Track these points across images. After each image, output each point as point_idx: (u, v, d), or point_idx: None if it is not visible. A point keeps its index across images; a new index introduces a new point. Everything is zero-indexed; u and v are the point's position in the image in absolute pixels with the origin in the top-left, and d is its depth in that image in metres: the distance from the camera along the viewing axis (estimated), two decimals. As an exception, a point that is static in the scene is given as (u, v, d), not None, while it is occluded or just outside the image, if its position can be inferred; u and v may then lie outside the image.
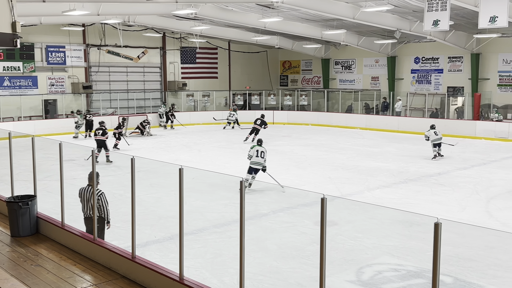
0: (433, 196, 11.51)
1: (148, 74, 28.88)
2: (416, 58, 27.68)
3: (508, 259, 7.55)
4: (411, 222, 8.81)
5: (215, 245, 8.14)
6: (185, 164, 14.47)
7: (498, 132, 20.79)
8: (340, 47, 30.04)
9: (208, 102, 29.61)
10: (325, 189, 11.95)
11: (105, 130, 15.73)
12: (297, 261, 7.50)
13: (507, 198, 11.21)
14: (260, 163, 12.08)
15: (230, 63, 32.40)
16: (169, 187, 11.19)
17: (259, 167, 12.09)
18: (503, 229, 8.89)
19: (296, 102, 29.77)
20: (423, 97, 26.93)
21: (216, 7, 20.72)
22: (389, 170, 14.44)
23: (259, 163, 12.06)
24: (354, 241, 8.48)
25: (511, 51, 23.76)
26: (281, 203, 11.03)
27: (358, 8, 19.23)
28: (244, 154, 17.59)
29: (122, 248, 6.21)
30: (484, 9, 14.04)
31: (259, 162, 12.06)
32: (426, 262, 3.67)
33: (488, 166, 15.19)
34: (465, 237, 8.11)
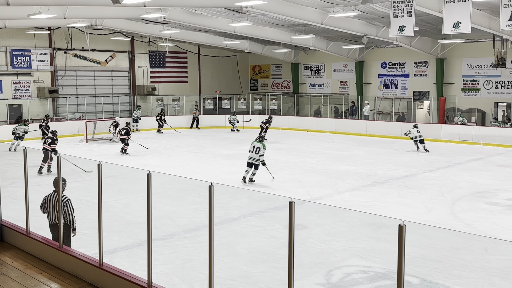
0: (400, 198, 11.72)
1: (116, 78, 28.52)
2: (383, 63, 28.20)
3: (473, 260, 7.74)
4: (379, 224, 8.93)
5: (185, 250, 8.08)
6: (154, 169, 14.32)
7: (462, 135, 21.35)
8: (309, 52, 30.34)
9: (178, 106, 29.42)
10: (295, 192, 12.03)
11: (54, 140, 15.02)
12: (267, 265, 7.52)
13: (472, 200, 11.50)
14: (253, 158, 12.91)
15: (200, 67, 32.32)
16: (138, 192, 11.05)
17: (252, 161, 12.91)
18: (468, 230, 9.11)
19: (266, 106, 29.89)
20: (390, 101, 27.44)
21: (185, 11, 20.64)
22: (358, 173, 14.64)
23: (252, 158, 12.92)
24: (324, 244, 8.55)
25: (474, 56, 24.46)
26: (251, 207, 11.03)
27: (326, 14, 19.48)
28: (214, 158, 17.60)
29: (89, 256, 6.10)
30: (448, 15, 14.42)
31: (252, 157, 12.91)
32: (393, 264, 3.74)
33: (453, 168, 15.56)
34: (431, 238, 8.28)
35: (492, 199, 11.57)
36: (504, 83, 23.77)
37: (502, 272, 7.31)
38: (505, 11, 13.54)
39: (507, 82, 23.65)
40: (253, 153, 12.97)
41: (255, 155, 12.91)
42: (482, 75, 24.44)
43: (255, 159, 12.92)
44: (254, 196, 11.66)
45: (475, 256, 7.79)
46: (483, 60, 24.01)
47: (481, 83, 24.49)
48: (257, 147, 12.92)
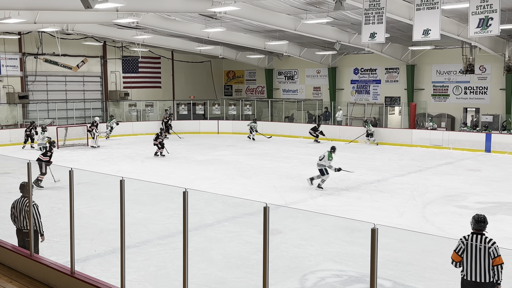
0: (373, 202, 11.87)
1: (88, 83, 28.13)
2: (355, 69, 28.59)
3: (444, 262, 7.86)
4: (352, 228, 9.04)
5: (159, 257, 8.01)
6: (127, 175, 14.16)
7: (433, 140, 21.77)
8: (283, 57, 30.54)
9: (151, 112, 29.18)
10: (269, 198, 12.06)
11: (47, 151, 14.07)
12: (242, 270, 7.52)
13: (442, 203, 11.73)
14: (317, 163, 13.39)
15: (174, 73, 32.16)
16: (110, 199, 10.91)
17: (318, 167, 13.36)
18: (438, 234, 9.28)
19: (241, 112, 29.93)
20: (363, 107, 27.81)
21: (158, 16, 20.54)
22: (331, 178, 14.74)
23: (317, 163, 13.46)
24: (298, 249, 8.60)
25: (444, 63, 25.02)
26: (226, 212, 11.01)
27: (299, 20, 19.66)
28: (188, 164, 17.51)
29: (60, 264, 6.00)
30: (418, 23, 14.71)
31: (317, 163, 13.44)
32: (366, 267, 3.79)
33: (424, 173, 15.85)
34: (403, 241, 8.41)
35: (462, 202, 11.82)
36: (472, 89, 24.38)
37: (471, 273, 7.46)
38: (473, 18, 13.89)
39: (476, 88, 24.27)
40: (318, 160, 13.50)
41: (318, 161, 13.41)
42: (451, 81, 25.01)
43: (319, 164, 13.36)
44: (228, 201, 11.64)
45: (446, 259, 7.89)
46: (452, 66, 24.59)
47: (451, 89, 25.06)
48: (323, 154, 13.41)
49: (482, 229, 5.56)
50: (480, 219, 5.55)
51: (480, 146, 20.52)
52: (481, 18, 13.72)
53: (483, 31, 13.85)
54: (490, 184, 13.96)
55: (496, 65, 23.14)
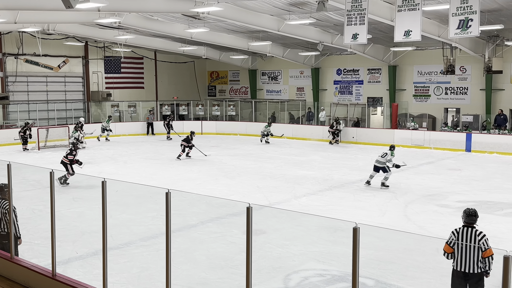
0: (355, 202, 11.96)
1: (70, 84, 27.82)
2: (338, 70, 28.76)
3: (425, 261, 7.98)
4: (335, 227, 9.09)
5: (142, 259, 7.96)
6: (110, 176, 14.03)
7: (414, 140, 22.02)
8: (267, 58, 30.59)
9: (134, 112, 28.98)
10: (253, 198, 12.08)
11: (71, 151, 14.03)
12: (226, 271, 7.51)
13: (423, 202, 11.87)
14: (379, 161, 13.44)
15: (157, 73, 31.98)
16: (92, 200, 10.82)
17: (378, 165, 13.43)
18: (420, 232, 9.39)
19: (224, 112, 29.90)
20: (346, 107, 28.00)
21: (140, 16, 20.41)
22: (315, 178, 14.85)
23: (378, 161, 13.45)
24: (282, 249, 8.62)
25: (425, 63, 25.32)
26: (210, 213, 10.99)
27: (282, 21, 19.72)
28: (171, 165, 17.43)
29: (41, 266, 5.94)
30: (399, 24, 14.87)
31: (379, 161, 13.45)
32: (349, 266, 3.82)
33: (406, 172, 16.01)
34: (386, 240, 8.49)
35: (443, 201, 11.98)
36: (453, 89, 24.71)
37: (452, 271, 7.57)
38: (453, 19, 14.08)
39: (456, 88, 24.60)
40: (379, 157, 13.49)
41: (381, 158, 13.40)
42: (432, 82, 25.32)
43: (380, 162, 13.39)
44: (212, 202, 11.62)
45: (427, 257, 8.03)
46: (433, 67, 24.89)
47: (432, 90, 25.37)
48: (385, 153, 13.48)
49: (473, 222, 5.81)
50: (471, 213, 5.83)
51: (460, 146, 20.82)
52: (461, 19, 13.91)
53: (463, 32, 14.05)
54: (470, 183, 14.16)
55: (476, 66, 23.49)
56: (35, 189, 12.77)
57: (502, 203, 11.77)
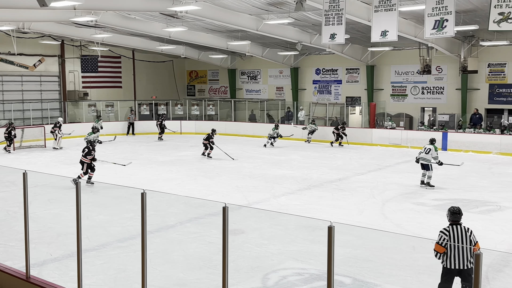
0: (334, 201, 12.04)
1: (46, 83, 27.37)
2: (317, 70, 28.91)
3: (402, 258, 8.08)
4: (313, 226, 9.13)
5: (119, 260, 7.88)
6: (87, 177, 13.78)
7: (392, 139, 22.26)
8: (246, 58, 30.57)
9: (112, 112, 28.66)
10: (232, 198, 12.06)
11: (90, 150, 13.58)
12: (204, 271, 7.49)
13: (400, 201, 12.01)
14: (424, 158, 13.44)
15: (135, 72, 31.69)
16: (69, 202, 10.65)
17: (424, 162, 13.42)
18: (397, 230, 9.50)
19: (204, 112, 29.78)
20: (325, 107, 28.17)
21: (118, 15, 20.19)
22: (294, 177, 14.90)
23: (423, 158, 13.44)
24: (260, 248, 8.63)
25: (402, 63, 25.62)
26: (188, 213, 10.94)
27: (261, 20, 19.74)
28: (149, 165, 17.29)
29: (15, 268, 5.83)
30: (376, 24, 15.02)
31: (424, 158, 13.44)
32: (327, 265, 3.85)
33: (383, 171, 16.20)
34: (363, 239, 8.57)
35: (419, 199, 12.14)
36: (429, 89, 25.06)
37: (429, 269, 7.67)
38: (429, 20, 14.29)
39: (433, 88, 24.96)
40: (423, 153, 13.48)
41: (425, 155, 13.39)
42: (409, 82, 25.64)
43: (425, 159, 13.38)
44: (191, 202, 11.57)
45: (404, 255, 8.13)
46: (410, 67, 25.21)
47: (409, 89, 25.69)
48: (428, 148, 13.42)
49: (458, 220, 5.94)
50: (455, 211, 5.97)
51: (437, 145, 21.09)
52: (437, 20, 14.13)
53: (438, 33, 14.27)
54: (446, 182, 14.37)
55: (452, 66, 23.86)
56: (10, 190, 12.54)
57: (477, 201, 11.99)
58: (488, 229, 9.68)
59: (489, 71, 23.15)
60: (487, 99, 23.36)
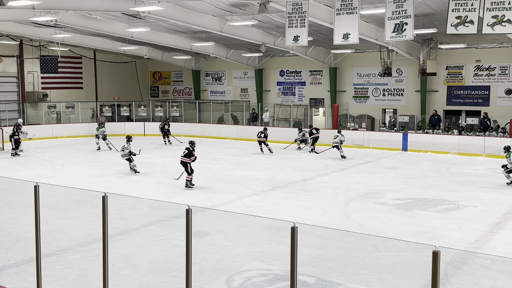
0: (298, 201, 12.14)
1: (3, 84, 26.54)
2: (281, 71, 29.10)
3: (364, 257, 8.22)
4: (278, 227, 9.18)
5: (80, 265, 7.71)
6: (46, 180, 13.54)
7: (354, 140, 22.62)
8: (210, 59, 30.48)
9: (73, 113, 28.01)
10: (197, 199, 12.00)
11: (191, 152, 13.59)
12: (168, 274, 7.42)
13: (363, 201, 12.22)
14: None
15: (97, 73, 31.11)
16: (28, 206, 10.36)
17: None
18: (359, 230, 9.67)
19: (168, 113, 29.51)
20: (289, 108, 28.39)
21: (78, 14, 19.78)
22: (259, 179, 14.95)
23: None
24: (225, 250, 8.62)
25: (364, 66, 26.08)
26: (152, 216, 10.81)
27: (225, 22, 19.73)
28: (111, 167, 16.97)
29: (-30, 277, 5.62)
30: (338, 27, 15.25)
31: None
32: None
33: (346, 171, 16.44)
34: (327, 238, 8.67)
35: (381, 199, 12.38)
36: (390, 91, 25.61)
37: (390, 267, 7.85)
38: (389, 23, 14.61)
39: (393, 90, 25.51)
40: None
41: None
42: (370, 84, 26.13)
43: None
44: (155, 205, 11.45)
45: (366, 254, 8.28)
46: (372, 69, 25.70)
47: (370, 91, 26.18)
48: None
49: None
50: None
51: (397, 145, 21.61)
52: (397, 23, 14.46)
53: (398, 36, 14.60)
54: (407, 181, 14.72)
55: (411, 68, 24.46)
56: (-35, 194, 12.10)
57: (437, 200, 12.32)
58: (446, 227, 9.97)
59: (447, 73, 23.85)
60: (446, 100, 24.07)
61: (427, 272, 7.02)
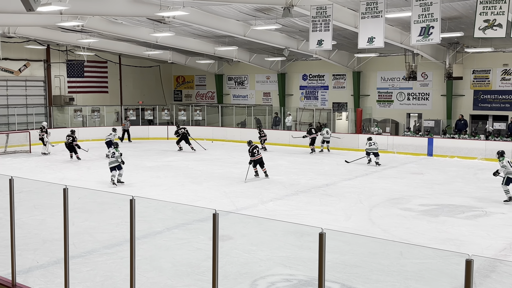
0: (321, 206, 12.05)
1: (31, 88, 27.11)
2: (304, 75, 29.03)
3: (389, 264, 8.11)
4: (302, 232, 9.13)
5: (106, 267, 7.79)
6: (72, 183, 13.74)
7: (378, 144, 22.34)
8: (233, 63, 30.60)
9: (98, 117, 28.45)
10: (220, 203, 12.02)
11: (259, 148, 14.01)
12: (192, 277, 7.44)
13: (387, 206, 12.07)
14: None
15: (121, 77, 31.53)
16: (54, 208, 10.53)
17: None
18: (384, 236, 9.54)
19: (191, 117, 29.71)
20: (311, 112, 28.28)
21: (104, 19, 20.09)
22: (282, 183, 14.91)
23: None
24: (249, 254, 8.60)
25: (388, 70, 25.83)
26: (176, 219, 10.87)
27: (248, 26, 19.78)
28: (136, 170, 17.14)
29: (0, 276, 5.73)
30: (363, 31, 15.14)
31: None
32: (315, 271, 3.84)
33: (370, 176, 16.27)
34: (351, 244, 8.58)
35: (406, 205, 12.21)
36: (415, 95, 25.30)
37: (416, 275, 7.72)
38: (415, 27, 14.43)
39: (418, 94, 25.20)
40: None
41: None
42: (395, 88, 25.86)
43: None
44: (178, 208, 11.50)
45: (391, 260, 8.16)
46: (396, 73, 25.43)
47: (394, 95, 25.90)
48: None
49: None
50: None
51: (422, 150, 21.31)
52: (423, 27, 14.27)
53: (424, 39, 14.42)
54: (432, 187, 14.49)
55: (437, 72, 24.12)
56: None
57: (463, 206, 12.10)
58: (474, 234, 9.77)
59: (474, 77, 23.45)
60: (472, 105, 23.65)
61: (455, 280, 6.88)
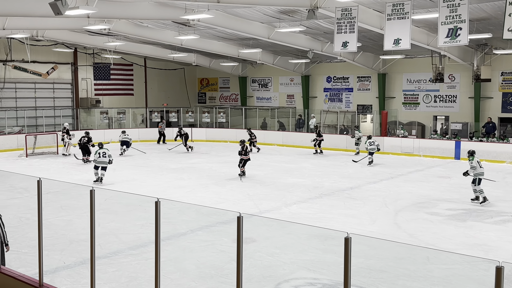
0: (346, 210, 11.94)
1: (58, 90, 27.63)
2: (328, 78, 28.86)
3: (416, 269, 7.97)
4: (326, 236, 9.05)
5: (131, 268, 7.86)
6: (98, 184, 13.88)
7: (404, 147, 22.10)
8: (257, 65, 30.62)
9: (124, 119, 28.82)
10: (243, 206, 12.02)
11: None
12: (216, 280, 7.44)
13: (413, 210, 11.88)
14: None
15: (147, 80, 31.88)
16: (81, 208, 10.69)
17: None
18: (410, 240, 9.39)
19: (214, 119, 29.84)
20: (336, 115, 28.08)
21: (130, 23, 20.35)
22: (305, 186, 14.82)
23: None
24: (272, 257, 8.56)
25: (414, 71, 25.49)
26: (199, 221, 10.91)
27: (272, 29, 19.77)
28: (161, 172, 17.29)
29: (28, 276, 5.83)
30: (389, 32, 14.97)
31: None
32: (340, 275, 3.78)
33: (396, 180, 16.05)
34: (376, 249, 8.46)
35: (433, 209, 11.99)
36: (442, 97, 24.88)
37: (443, 280, 7.57)
38: (442, 28, 14.20)
39: (445, 96, 24.78)
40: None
41: None
42: (421, 90, 25.48)
43: None
44: (202, 210, 11.54)
45: (418, 266, 8.02)
46: (422, 75, 25.07)
47: (421, 97, 25.53)
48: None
49: None
50: None
51: (449, 154, 20.93)
52: (450, 28, 14.03)
53: (452, 41, 14.17)
54: (459, 191, 14.19)
55: (464, 74, 23.69)
56: (23, 197, 12.61)
57: (492, 211, 11.82)
58: (503, 240, 9.54)
59: (503, 79, 22.94)
60: (501, 107, 23.14)
61: (483, 286, 6.72)
